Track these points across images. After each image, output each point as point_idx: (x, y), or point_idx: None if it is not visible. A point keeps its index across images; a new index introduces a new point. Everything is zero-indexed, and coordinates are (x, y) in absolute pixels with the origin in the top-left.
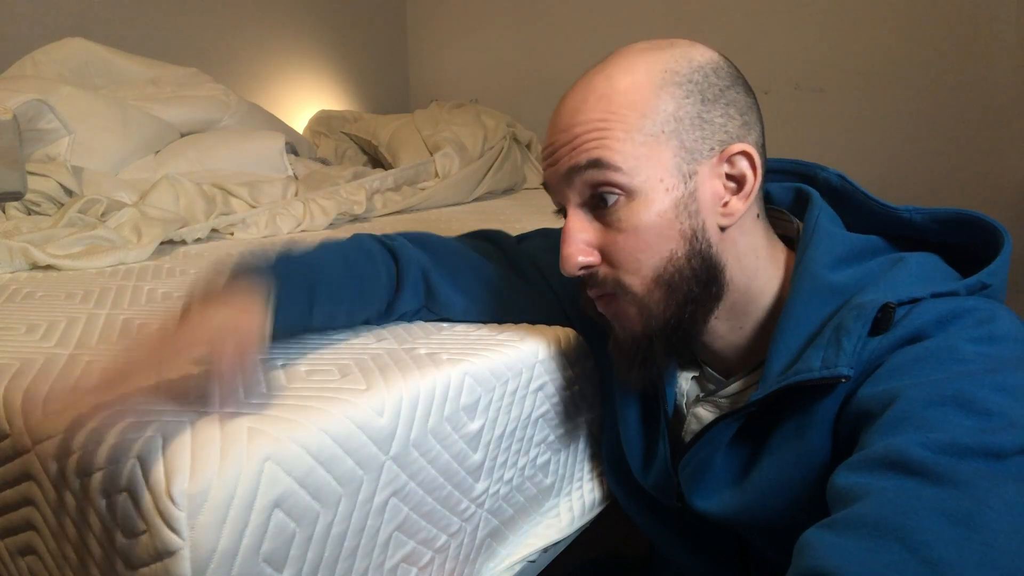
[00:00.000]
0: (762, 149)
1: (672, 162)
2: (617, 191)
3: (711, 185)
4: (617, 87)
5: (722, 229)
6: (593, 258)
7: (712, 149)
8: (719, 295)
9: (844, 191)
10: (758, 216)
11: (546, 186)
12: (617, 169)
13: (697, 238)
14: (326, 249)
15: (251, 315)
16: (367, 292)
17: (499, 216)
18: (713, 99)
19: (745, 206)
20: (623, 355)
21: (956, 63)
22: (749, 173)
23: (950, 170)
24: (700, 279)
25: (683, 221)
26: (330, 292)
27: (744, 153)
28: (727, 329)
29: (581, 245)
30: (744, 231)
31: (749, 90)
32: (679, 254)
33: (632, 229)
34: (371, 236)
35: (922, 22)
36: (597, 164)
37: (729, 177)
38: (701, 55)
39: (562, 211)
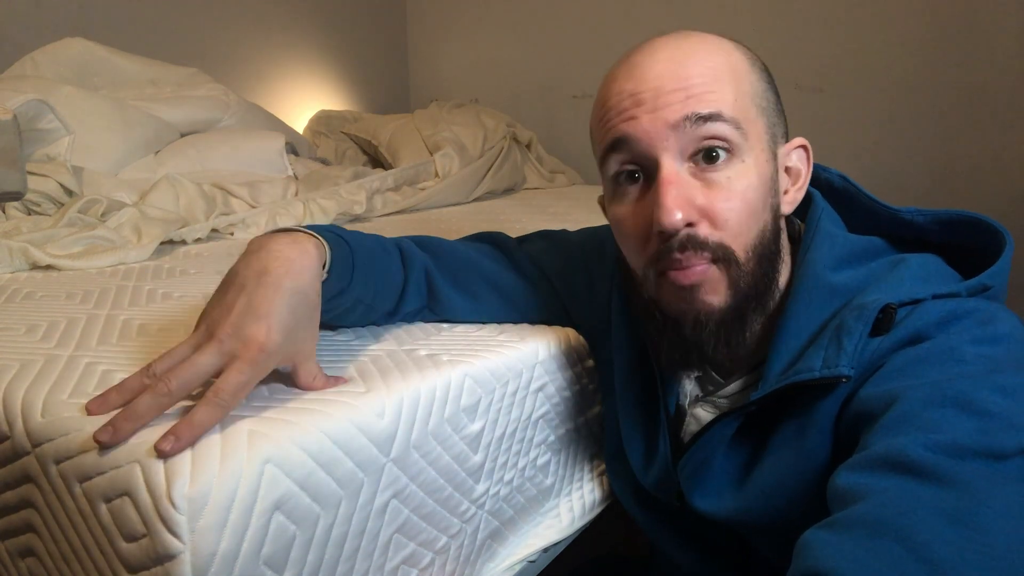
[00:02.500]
0: None
1: (764, 137)
2: (728, 148)
3: (781, 172)
4: (720, 51)
5: (781, 216)
6: (694, 215)
7: (782, 137)
8: (776, 280)
9: (846, 192)
10: None
11: (624, 140)
12: (738, 126)
13: (776, 216)
14: (361, 234)
15: (306, 247)
16: (388, 285)
17: (499, 216)
18: (778, 94)
19: (799, 198)
20: (702, 337)
21: (956, 63)
22: (803, 167)
23: (950, 170)
24: (775, 257)
25: (771, 196)
26: (365, 272)
27: (804, 147)
28: None
29: (684, 201)
30: (783, 224)
31: None
32: (769, 227)
33: (743, 190)
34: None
35: (922, 22)
36: (719, 117)
37: (786, 169)
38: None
39: (633, 173)
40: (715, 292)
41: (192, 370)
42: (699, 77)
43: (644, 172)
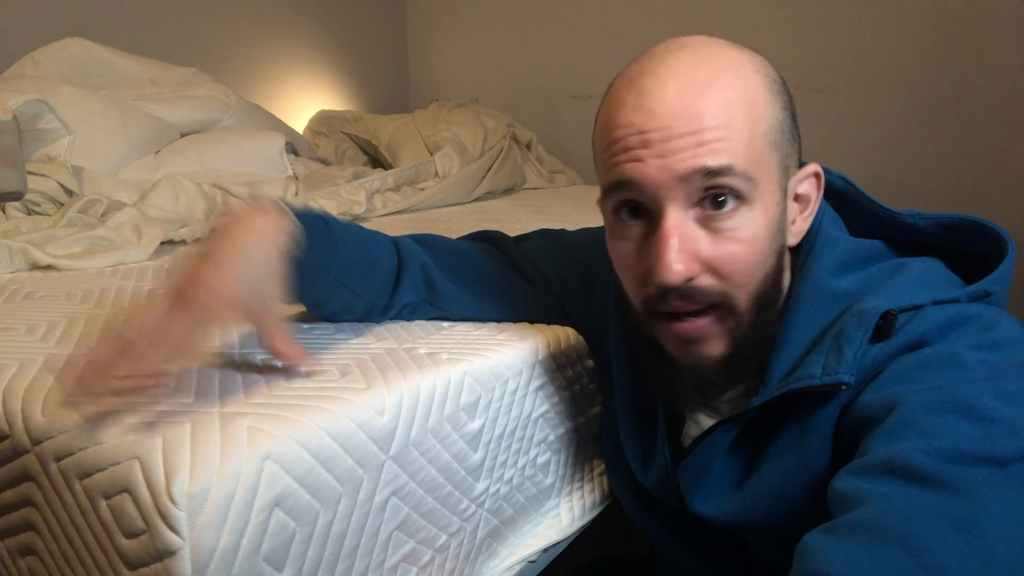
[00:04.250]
0: None
1: (776, 175)
2: (737, 196)
3: (790, 203)
4: (738, 84)
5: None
6: (696, 269)
7: (795, 166)
8: (774, 309)
9: (847, 194)
10: None
11: (627, 184)
12: (749, 178)
13: (781, 255)
14: (345, 223)
15: (272, 218)
16: (376, 271)
17: (499, 216)
18: (795, 114)
19: (806, 227)
20: (701, 379)
21: (956, 63)
22: (814, 194)
23: (951, 171)
24: (776, 296)
25: (777, 238)
26: (346, 253)
27: (816, 174)
28: None
29: (687, 255)
30: (786, 261)
31: None
32: (772, 272)
33: (750, 239)
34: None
35: (922, 22)
36: (730, 171)
37: (796, 196)
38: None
39: (634, 210)
40: (714, 344)
41: (158, 328)
42: (712, 119)
43: (646, 210)
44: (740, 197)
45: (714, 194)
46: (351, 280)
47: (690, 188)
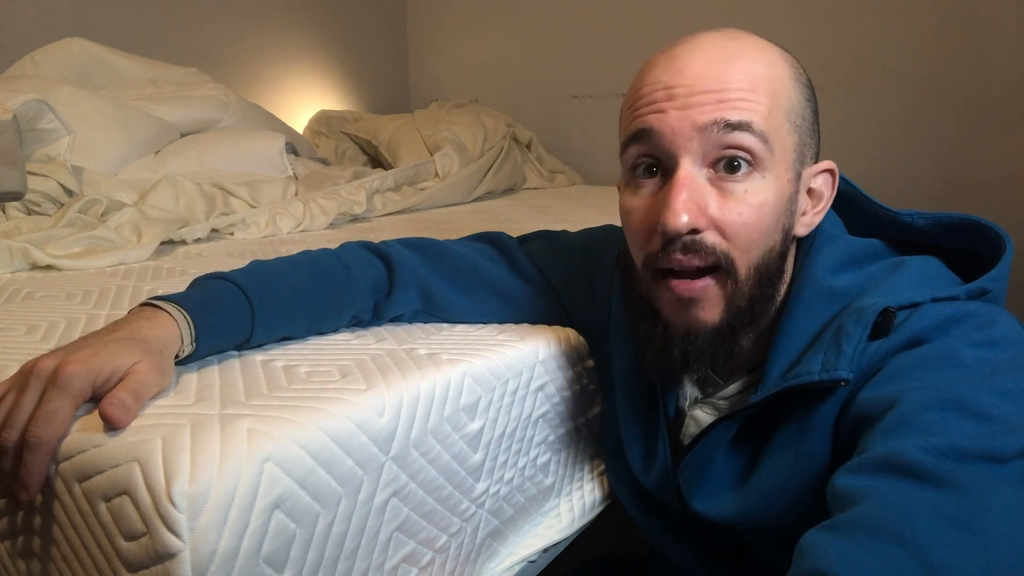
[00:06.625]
0: None
1: (791, 156)
2: (751, 161)
3: (803, 192)
4: (765, 60)
5: (793, 237)
6: (702, 222)
7: (811, 158)
8: (774, 297)
9: (846, 194)
10: None
11: (648, 132)
12: (766, 141)
13: (788, 238)
14: (288, 267)
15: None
16: (341, 300)
17: (499, 216)
18: (817, 112)
19: (816, 222)
20: (692, 348)
21: (956, 63)
22: (827, 191)
23: (950, 170)
24: (777, 278)
25: (786, 217)
26: (287, 312)
27: (831, 171)
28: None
29: (695, 206)
30: (792, 246)
31: None
32: (776, 248)
33: (759, 205)
34: (363, 243)
35: (922, 22)
36: (748, 127)
37: (809, 190)
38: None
39: (651, 167)
40: (710, 309)
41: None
42: (736, 83)
43: (662, 168)
44: (754, 163)
45: (729, 156)
46: (301, 326)
47: (707, 144)
